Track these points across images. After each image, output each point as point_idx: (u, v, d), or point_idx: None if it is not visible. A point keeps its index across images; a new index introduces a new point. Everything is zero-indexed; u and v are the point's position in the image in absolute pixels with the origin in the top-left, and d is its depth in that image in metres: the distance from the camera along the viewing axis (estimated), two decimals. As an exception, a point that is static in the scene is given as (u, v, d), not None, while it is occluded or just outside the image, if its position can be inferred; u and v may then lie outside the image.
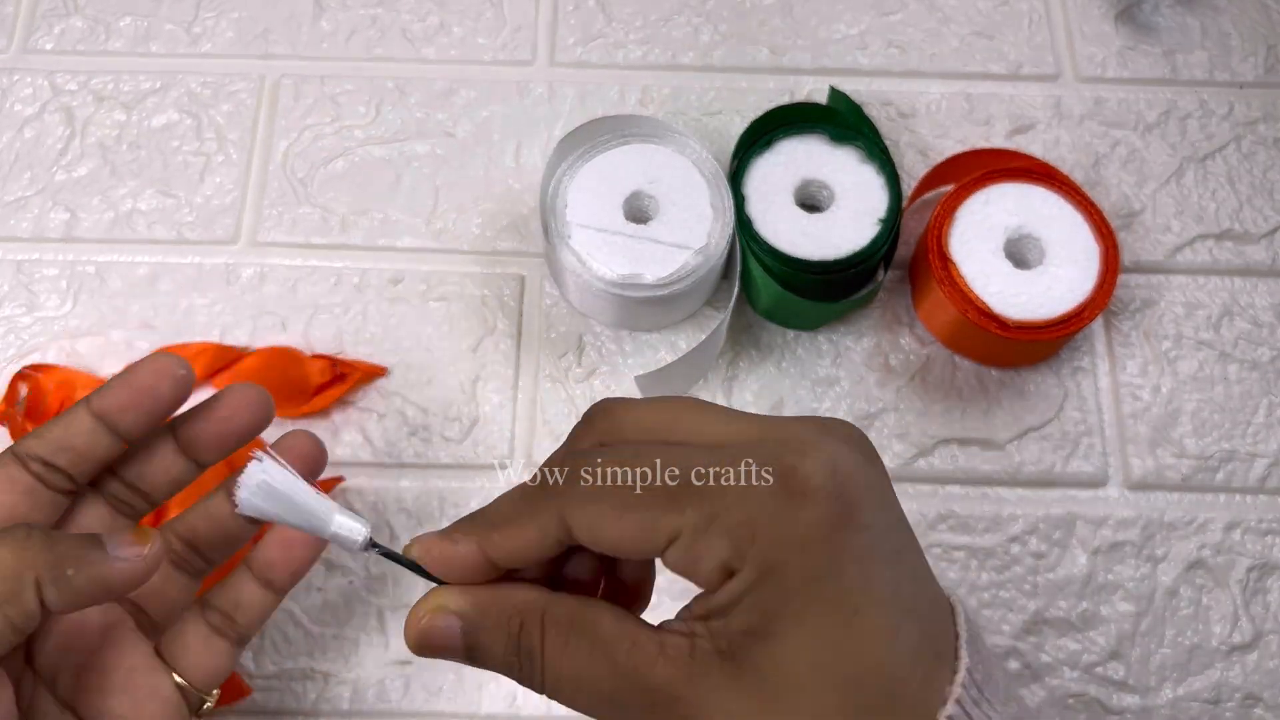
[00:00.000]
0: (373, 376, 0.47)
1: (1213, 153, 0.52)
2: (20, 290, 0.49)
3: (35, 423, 0.45)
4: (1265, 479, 0.46)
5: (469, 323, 0.48)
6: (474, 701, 0.42)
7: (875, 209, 0.46)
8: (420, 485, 0.46)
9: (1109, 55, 0.54)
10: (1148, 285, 0.49)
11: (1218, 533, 0.45)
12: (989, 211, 0.46)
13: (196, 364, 0.46)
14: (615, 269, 0.44)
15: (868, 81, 0.53)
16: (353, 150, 0.51)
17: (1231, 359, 0.48)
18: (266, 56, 0.53)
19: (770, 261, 0.44)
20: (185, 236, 0.50)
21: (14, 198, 0.50)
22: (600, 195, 0.45)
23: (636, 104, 0.53)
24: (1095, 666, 0.43)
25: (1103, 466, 0.46)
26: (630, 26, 0.54)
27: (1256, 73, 0.53)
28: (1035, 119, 0.52)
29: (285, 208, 0.50)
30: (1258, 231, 0.50)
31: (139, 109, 0.52)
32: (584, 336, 0.48)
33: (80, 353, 0.48)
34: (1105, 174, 0.51)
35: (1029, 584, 0.44)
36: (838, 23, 0.54)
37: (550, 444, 0.46)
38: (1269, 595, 0.44)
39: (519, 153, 0.51)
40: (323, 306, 0.48)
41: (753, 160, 0.47)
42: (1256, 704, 0.43)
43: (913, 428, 0.47)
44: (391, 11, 0.54)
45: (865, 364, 0.47)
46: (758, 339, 0.48)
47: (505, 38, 0.54)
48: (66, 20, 0.54)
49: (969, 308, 0.44)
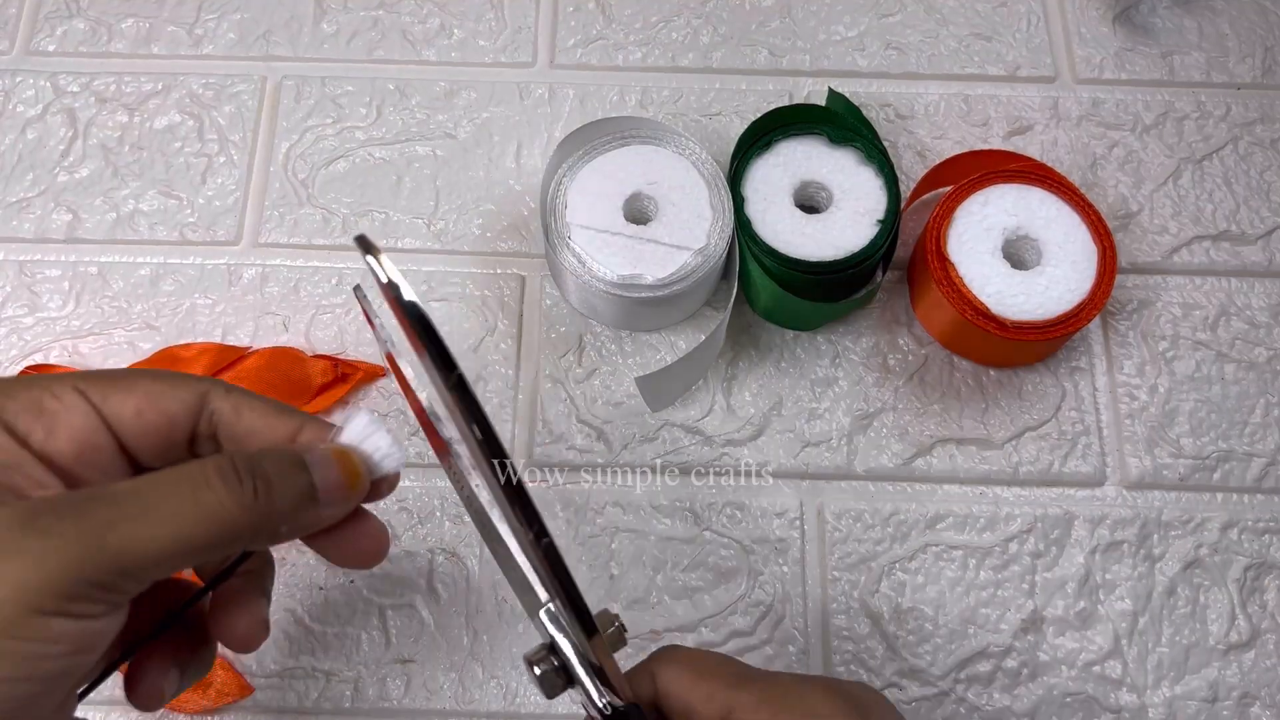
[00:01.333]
0: (374, 376, 0.47)
1: (1210, 154, 0.52)
2: (23, 291, 0.49)
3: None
4: (1262, 478, 0.46)
5: (470, 323, 0.48)
6: (474, 700, 0.43)
7: (874, 210, 0.46)
8: (421, 485, 0.46)
9: (1106, 57, 0.54)
10: (1145, 286, 0.49)
11: (1215, 532, 0.45)
12: (987, 212, 0.46)
13: (198, 364, 0.47)
14: (615, 270, 0.44)
15: (866, 83, 0.53)
16: (354, 151, 0.52)
17: (1228, 359, 0.48)
18: (268, 58, 0.54)
19: (769, 262, 0.45)
20: (187, 237, 0.50)
21: (16, 199, 0.51)
22: (600, 196, 0.46)
23: (636, 105, 0.53)
24: (1093, 665, 0.43)
25: (1100, 466, 0.46)
26: (630, 28, 0.54)
27: (1253, 74, 0.53)
28: (1033, 120, 0.52)
29: (287, 209, 0.50)
30: (1254, 232, 0.50)
31: (141, 110, 0.52)
32: (584, 337, 0.48)
33: (83, 353, 0.48)
34: (1103, 175, 0.51)
35: (1027, 583, 0.44)
36: (836, 25, 0.55)
37: (551, 444, 0.46)
38: (1266, 594, 0.44)
39: (519, 154, 0.52)
40: (324, 307, 0.49)
41: (752, 161, 0.47)
42: (1254, 703, 0.43)
43: (911, 427, 0.47)
44: (392, 13, 0.55)
45: (864, 364, 0.48)
46: (757, 339, 0.48)
47: (506, 40, 0.54)
48: (69, 22, 0.54)
49: (967, 308, 0.44)
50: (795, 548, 0.45)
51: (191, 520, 0.25)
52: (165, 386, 0.28)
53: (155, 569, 0.24)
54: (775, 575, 0.45)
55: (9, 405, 0.26)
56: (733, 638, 0.44)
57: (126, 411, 0.27)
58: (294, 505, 0.27)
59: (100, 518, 0.24)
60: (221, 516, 0.25)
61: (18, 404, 0.26)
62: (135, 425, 0.27)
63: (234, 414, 0.29)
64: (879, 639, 0.44)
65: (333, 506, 0.28)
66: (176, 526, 0.24)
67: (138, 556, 0.24)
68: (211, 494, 0.25)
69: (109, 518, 0.24)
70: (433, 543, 0.45)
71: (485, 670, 0.43)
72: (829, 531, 0.45)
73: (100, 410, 0.27)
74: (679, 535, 0.45)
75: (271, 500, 0.26)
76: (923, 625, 0.44)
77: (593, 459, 0.46)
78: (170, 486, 0.25)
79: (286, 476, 0.27)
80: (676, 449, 0.46)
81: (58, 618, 0.23)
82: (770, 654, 0.43)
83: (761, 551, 0.45)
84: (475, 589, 0.44)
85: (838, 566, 0.45)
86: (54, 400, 0.27)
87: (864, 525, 0.45)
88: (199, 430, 0.29)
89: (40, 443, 0.26)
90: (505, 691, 0.43)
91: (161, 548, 0.24)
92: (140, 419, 0.27)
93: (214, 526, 0.25)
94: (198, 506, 0.25)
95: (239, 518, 0.25)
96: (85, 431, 0.27)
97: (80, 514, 0.24)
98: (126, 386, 0.28)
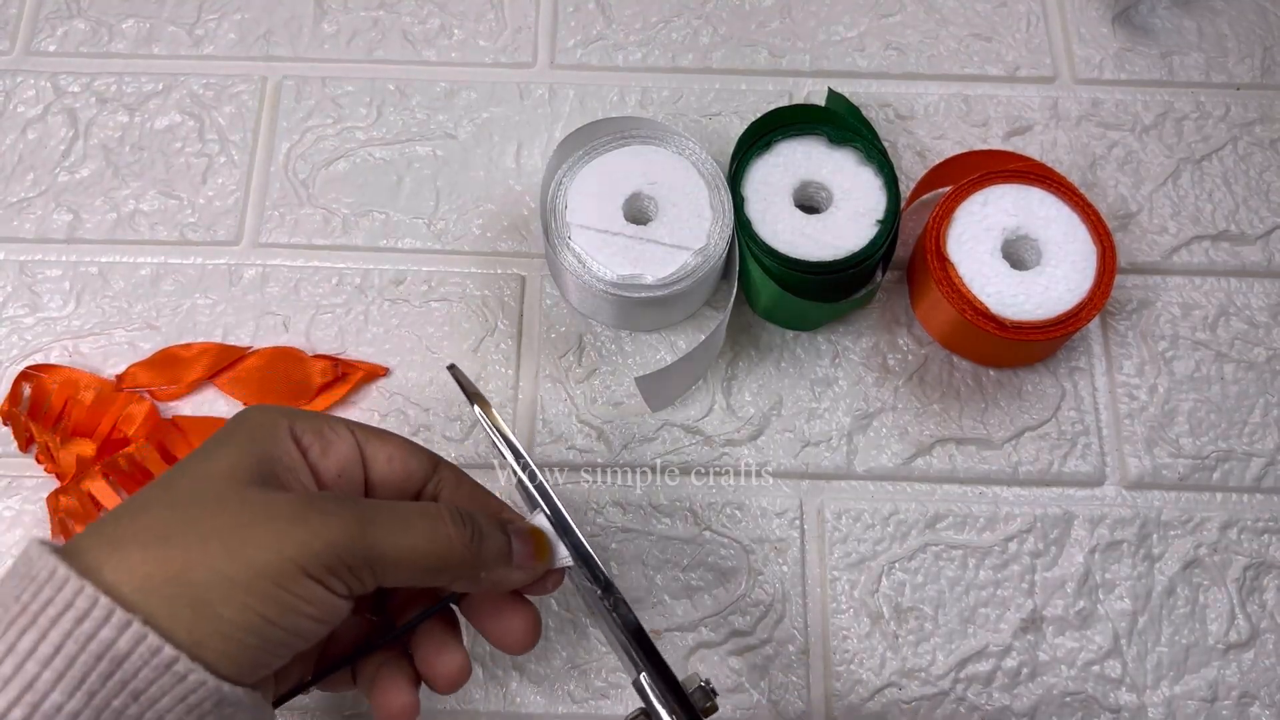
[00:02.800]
0: (374, 376, 0.47)
1: (1209, 154, 0.52)
2: (24, 291, 0.49)
3: (38, 422, 0.45)
4: (1261, 478, 0.46)
5: (470, 323, 0.48)
6: (474, 699, 0.43)
7: (873, 210, 0.46)
8: (421, 484, 0.46)
9: (1106, 57, 0.54)
10: (1144, 286, 0.49)
11: (1214, 532, 0.45)
12: (987, 213, 0.46)
13: (199, 364, 0.47)
14: (615, 270, 0.44)
15: (866, 83, 0.53)
16: (354, 152, 0.52)
17: (1228, 359, 0.48)
18: (268, 58, 0.54)
19: (769, 262, 0.45)
20: (188, 237, 0.50)
21: (17, 199, 0.51)
22: (600, 196, 0.46)
23: (636, 106, 0.53)
24: (1092, 665, 0.43)
25: (1100, 466, 0.46)
26: (630, 29, 0.54)
27: (1253, 74, 0.54)
28: (1033, 120, 0.53)
29: (287, 209, 0.50)
30: (1254, 233, 0.50)
31: (142, 110, 0.52)
32: (584, 336, 0.48)
33: (83, 353, 0.48)
34: (1102, 175, 0.51)
35: (1026, 582, 0.45)
36: (836, 25, 0.55)
37: (550, 444, 0.46)
38: (1265, 594, 0.44)
39: (519, 154, 0.52)
40: (325, 307, 0.49)
41: (752, 162, 0.47)
42: (1253, 702, 0.43)
43: (910, 427, 0.47)
44: (393, 14, 0.55)
45: (863, 364, 0.48)
46: (757, 339, 0.48)
47: (506, 40, 0.54)
48: (69, 22, 0.54)
49: (967, 308, 0.44)
50: (795, 547, 0.45)
51: (427, 540, 0.30)
52: (413, 448, 0.35)
53: (394, 570, 0.30)
54: (775, 575, 0.45)
55: (299, 424, 0.33)
56: (732, 637, 0.44)
57: (381, 456, 0.34)
58: (495, 558, 0.32)
59: (365, 516, 0.29)
60: (448, 547, 0.31)
61: (305, 425, 0.33)
62: (384, 468, 0.34)
63: (455, 486, 0.35)
64: (879, 638, 0.44)
65: (522, 570, 0.33)
66: (416, 541, 0.30)
67: (385, 553, 0.29)
68: (444, 528, 0.31)
69: (372, 517, 0.30)
70: (433, 542, 0.45)
71: (485, 670, 0.43)
72: (829, 531, 0.45)
73: (363, 449, 0.34)
74: (679, 535, 0.45)
75: (482, 548, 0.32)
76: (922, 625, 0.44)
77: (593, 459, 0.46)
78: (418, 512, 0.31)
79: (494, 535, 0.33)
80: (676, 449, 0.46)
81: (316, 583, 0.28)
82: (770, 653, 0.43)
83: (761, 551, 0.45)
84: (475, 588, 0.44)
85: (837, 566, 0.45)
86: (331, 431, 0.33)
87: (864, 525, 0.45)
88: (426, 490, 0.35)
89: (316, 458, 0.32)
90: (505, 691, 0.43)
91: (401, 554, 0.30)
92: (389, 464, 0.34)
93: (441, 551, 0.31)
94: (434, 532, 0.31)
95: (459, 553, 0.31)
96: (348, 461, 0.33)
97: (352, 508, 0.30)
98: (384, 439, 0.34)
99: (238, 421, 0.32)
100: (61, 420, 0.45)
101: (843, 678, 0.43)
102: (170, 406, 0.47)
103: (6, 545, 0.45)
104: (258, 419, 0.32)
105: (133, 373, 0.47)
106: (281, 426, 0.32)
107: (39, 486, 0.46)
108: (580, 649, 0.43)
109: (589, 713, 0.43)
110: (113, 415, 0.45)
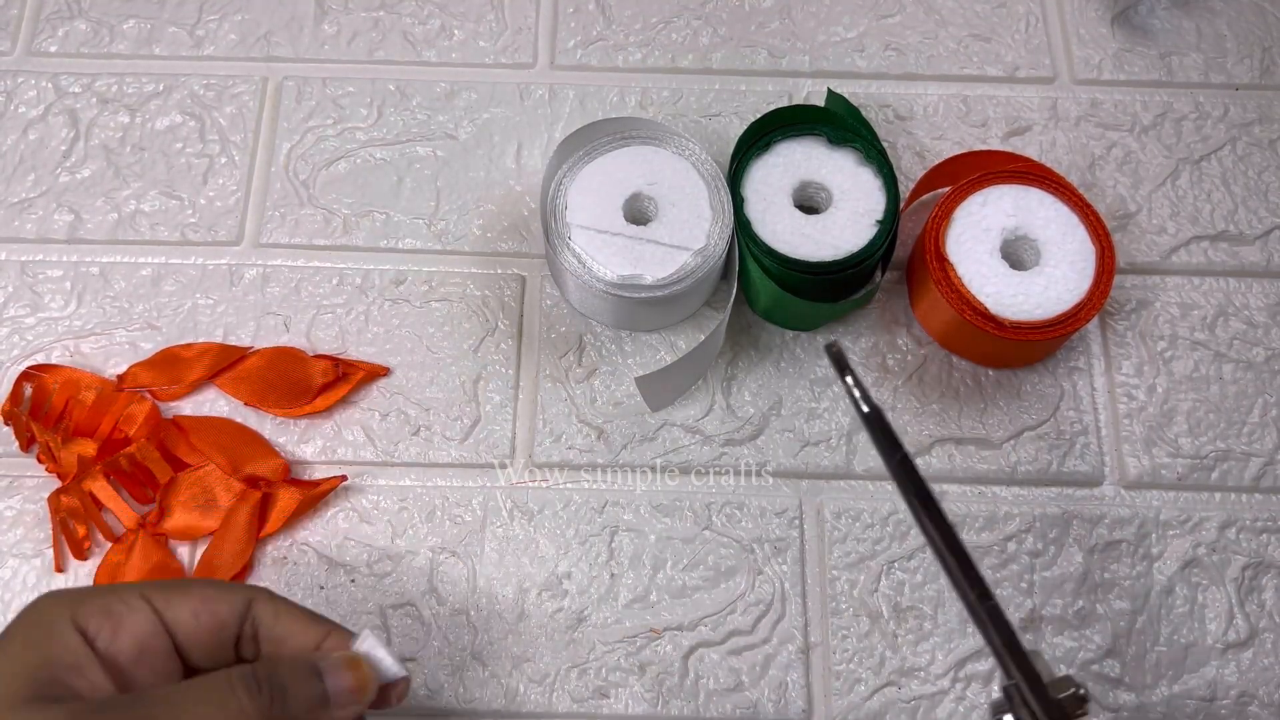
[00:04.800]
0: (375, 376, 0.47)
1: (1208, 155, 0.52)
2: (25, 291, 0.49)
3: (39, 422, 0.45)
4: (1260, 478, 0.46)
5: (470, 323, 0.49)
6: (474, 699, 0.43)
7: (873, 210, 0.46)
8: (422, 484, 0.46)
9: (1105, 58, 0.54)
10: (1143, 286, 0.49)
11: (1213, 531, 0.45)
12: (986, 213, 0.46)
13: (200, 364, 0.47)
14: (615, 270, 0.44)
15: (865, 84, 0.54)
16: (355, 152, 0.52)
17: (1226, 359, 0.48)
18: (269, 59, 0.54)
19: (769, 262, 0.45)
20: (189, 238, 0.50)
21: (18, 199, 0.51)
22: (600, 197, 0.46)
23: (636, 106, 0.53)
24: (1091, 664, 0.44)
25: (1098, 466, 0.46)
26: (630, 29, 0.54)
27: (1252, 75, 0.54)
28: (1032, 121, 0.53)
29: (288, 209, 0.51)
30: (1252, 233, 0.50)
31: (142, 111, 0.53)
32: (584, 337, 0.48)
33: (84, 353, 0.48)
34: (1101, 176, 0.51)
35: (1025, 582, 0.45)
36: (836, 25, 0.55)
37: (550, 444, 0.46)
38: (1264, 593, 0.44)
39: (520, 155, 0.52)
40: (325, 307, 0.49)
41: (751, 162, 0.47)
42: (1251, 701, 0.43)
43: (910, 427, 0.47)
44: (393, 14, 0.55)
45: (863, 364, 0.48)
46: (756, 339, 0.48)
47: (506, 41, 0.54)
48: (70, 23, 0.54)
49: (966, 308, 0.44)
50: (795, 547, 0.45)
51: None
52: (217, 592, 0.32)
53: None
54: (775, 574, 0.45)
55: (84, 610, 0.30)
56: (732, 636, 0.44)
57: (184, 615, 0.32)
58: (307, 710, 0.31)
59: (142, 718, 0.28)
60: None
61: (90, 608, 0.30)
62: (191, 626, 0.32)
63: (273, 619, 0.33)
64: (878, 637, 0.44)
65: (345, 709, 0.32)
66: None
67: None
68: (235, 701, 0.29)
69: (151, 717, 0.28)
70: (433, 543, 0.45)
71: (486, 670, 0.43)
72: (828, 531, 0.45)
73: (162, 616, 0.31)
74: (679, 535, 0.45)
75: (286, 706, 0.30)
76: (922, 624, 0.44)
77: (593, 459, 0.46)
78: (201, 693, 0.29)
79: (302, 684, 0.31)
80: (676, 449, 0.46)
81: None
82: (770, 653, 0.44)
83: (761, 551, 0.45)
84: (476, 589, 0.44)
85: (837, 565, 0.45)
86: (123, 605, 0.31)
87: (863, 524, 0.45)
88: (244, 632, 0.33)
89: (106, 643, 0.30)
90: (505, 691, 0.43)
91: None
92: (195, 620, 0.32)
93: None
94: (223, 712, 0.29)
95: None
96: (145, 634, 0.31)
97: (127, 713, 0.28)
98: (185, 593, 0.32)
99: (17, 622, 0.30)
100: (63, 420, 0.46)
101: (842, 677, 0.43)
102: (171, 406, 0.47)
103: (7, 545, 0.45)
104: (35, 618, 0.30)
105: (134, 373, 0.47)
106: (61, 621, 0.30)
107: (40, 486, 0.46)
108: (581, 648, 0.44)
109: (589, 713, 0.43)
110: (114, 415, 0.46)
